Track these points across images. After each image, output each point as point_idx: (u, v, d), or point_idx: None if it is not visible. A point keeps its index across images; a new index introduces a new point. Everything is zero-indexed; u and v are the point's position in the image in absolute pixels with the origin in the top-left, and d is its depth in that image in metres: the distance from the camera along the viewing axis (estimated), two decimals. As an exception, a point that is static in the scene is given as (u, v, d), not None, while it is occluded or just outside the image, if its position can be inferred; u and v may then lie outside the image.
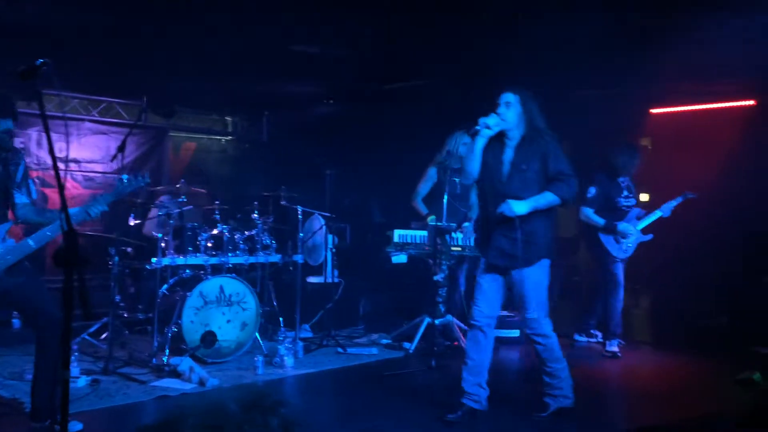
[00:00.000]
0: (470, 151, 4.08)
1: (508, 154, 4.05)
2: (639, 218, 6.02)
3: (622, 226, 5.89)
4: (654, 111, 7.58)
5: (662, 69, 6.34)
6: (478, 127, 3.99)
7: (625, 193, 6.02)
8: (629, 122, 7.52)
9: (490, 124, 3.98)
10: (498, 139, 4.07)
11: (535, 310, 4.01)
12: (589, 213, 5.96)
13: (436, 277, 5.83)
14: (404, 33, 6.01)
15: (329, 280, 6.61)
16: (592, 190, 5.94)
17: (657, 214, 6.02)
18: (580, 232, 7.14)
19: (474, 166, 4.08)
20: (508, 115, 4.01)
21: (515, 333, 6.31)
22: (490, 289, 4.11)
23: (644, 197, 7.51)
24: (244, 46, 6.18)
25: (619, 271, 5.99)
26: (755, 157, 6.52)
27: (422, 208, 6.35)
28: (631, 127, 7.66)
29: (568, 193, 3.96)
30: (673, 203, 6.04)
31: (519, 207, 3.90)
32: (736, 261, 6.78)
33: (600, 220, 5.91)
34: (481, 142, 4.03)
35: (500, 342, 5.99)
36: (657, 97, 7.47)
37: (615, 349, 5.94)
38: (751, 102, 6.89)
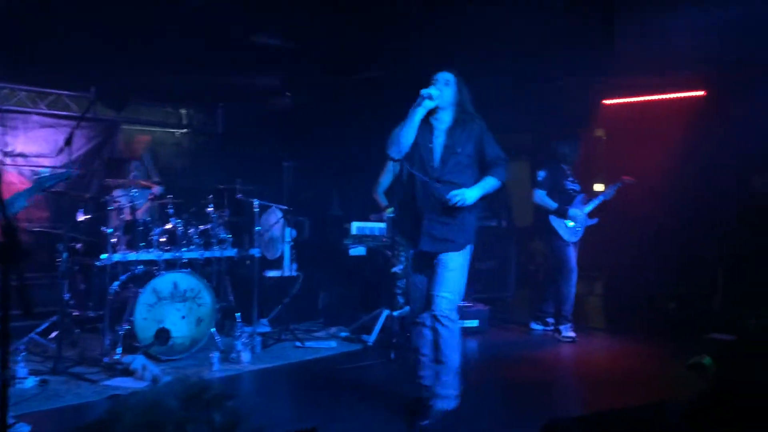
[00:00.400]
0: (408, 121, 3.82)
1: (440, 137, 3.91)
2: (584, 203, 6.34)
3: (572, 210, 6.20)
4: (607, 102, 7.69)
5: (614, 61, 6.45)
6: (422, 96, 3.80)
7: (571, 178, 6.38)
8: (584, 113, 7.61)
9: (433, 95, 3.81)
10: (424, 122, 3.90)
11: (451, 291, 3.85)
12: (542, 195, 6.26)
13: (394, 269, 5.82)
14: (362, 23, 5.97)
15: (287, 273, 6.54)
16: (541, 174, 6.30)
17: (600, 199, 6.38)
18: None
19: (410, 138, 3.85)
20: (446, 92, 3.90)
21: (474, 323, 6.35)
22: (423, 283, 3.98)
23: (599, 187, 7.64)
24: (200, 36, 6.05)
25: (572, 255, 6.26)
26: (705, 146, 6.67)
27: (382, 200, 6.34)
28: (586, 118, 7.77)
29: (505, 177, 3.93)
30: (613, 188, 6.39)
31: (472, 194, 3.78)
32: (688, 248, 6.92)
33: (552, 204, 6.20)
34: (420, 114, 3.83)
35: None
36: (610, 89, 7.58)
37: (571, 333, 6.09)
38: (701, 93, 7.03)
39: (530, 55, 6.31)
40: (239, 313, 6.09)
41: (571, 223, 6.22)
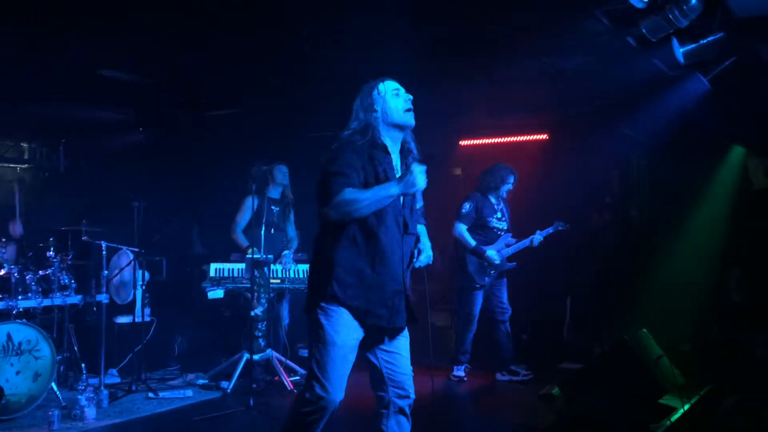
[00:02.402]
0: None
1: (396, 163, 3.12)
2: (508, 246, 6.06)
3: (489, 252, 5.88)
4: (462, 143, 8.03)
5: (467, 105, 6.78)
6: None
7: (498, 215, 6.08)
8: (444, 153, 7.88)
9: None
10: (378, 147, 3.03)
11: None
12: (462, 230, 5.93)
13: (253, 312, 5.65)
14: (215, 61, 5.86)
15: (140, 319, 6.15)
16: (466, 206, 5.96)
17: (526, 243, 6.04)
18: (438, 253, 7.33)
19: None
20: None
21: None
22: (353, 359, 2.94)
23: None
24: (41, 65, 5.65)
25: (477, 301, 5.99)
26: (551, 185, 7.10)
27: (243, 241, 6.16)
28: (446, 158, 8.04)
29: None
30: (543, 234, 6.07)
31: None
32: (539, 279, 7.26)
33: (471, 241, 5.89)
34: None
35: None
36: (465, 130, 7.94)
37: (462, 374, 6.06)
38: (545, 136, 7.54)
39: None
40: (84, 364, 5.65)
41: (488, 266, 5.94)
